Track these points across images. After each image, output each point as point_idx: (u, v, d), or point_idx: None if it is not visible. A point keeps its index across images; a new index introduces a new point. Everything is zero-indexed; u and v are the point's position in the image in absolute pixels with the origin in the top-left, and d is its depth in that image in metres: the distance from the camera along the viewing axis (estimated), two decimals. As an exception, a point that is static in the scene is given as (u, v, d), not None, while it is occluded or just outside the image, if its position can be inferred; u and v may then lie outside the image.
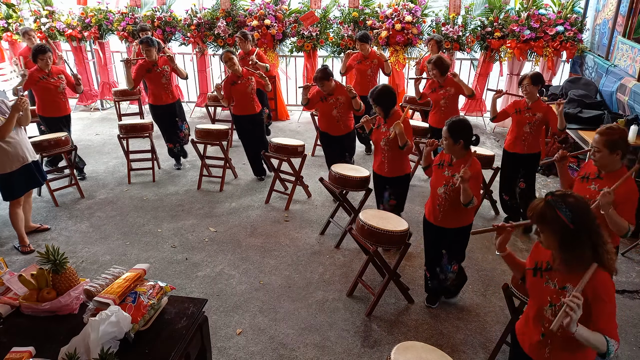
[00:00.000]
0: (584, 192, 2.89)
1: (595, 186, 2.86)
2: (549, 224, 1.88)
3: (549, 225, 1.89)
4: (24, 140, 4.27)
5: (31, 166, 4.31)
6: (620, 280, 3.96)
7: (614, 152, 2.75)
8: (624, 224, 2.66)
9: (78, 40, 8.19)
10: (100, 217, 4.97)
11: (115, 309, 2.05)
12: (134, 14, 7.92)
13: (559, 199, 1.88)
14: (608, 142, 2.75)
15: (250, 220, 4.90)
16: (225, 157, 5.62)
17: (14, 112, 4.04)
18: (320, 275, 4.03)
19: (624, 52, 5.54)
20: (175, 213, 5.05)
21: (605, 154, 2.77)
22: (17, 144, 4.16)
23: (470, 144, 3.19)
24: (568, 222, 1.83)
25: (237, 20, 7.50)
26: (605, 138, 2.76)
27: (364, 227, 3.44)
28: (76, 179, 5.42)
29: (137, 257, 4.26)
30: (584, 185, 2.97)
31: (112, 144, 6.88)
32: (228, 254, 4.32)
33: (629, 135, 4.82)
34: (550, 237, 1.90)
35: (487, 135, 7.30)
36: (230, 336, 3.35)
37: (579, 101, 5.63)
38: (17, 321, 2.30)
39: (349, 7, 7.38)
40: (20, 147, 4.20)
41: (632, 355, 3.23)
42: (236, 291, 3.83)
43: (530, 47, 6.80)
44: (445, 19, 7.14)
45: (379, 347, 3.26)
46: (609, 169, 2.83)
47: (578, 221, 1.84)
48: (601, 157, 2.79)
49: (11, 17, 8.12)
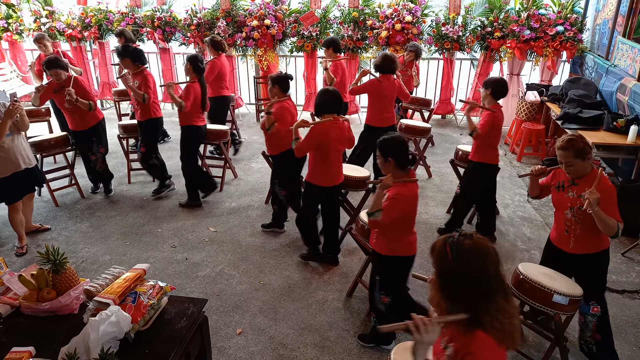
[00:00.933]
0: (564, 201, 2.93)
1: (573, 193, 2.88)
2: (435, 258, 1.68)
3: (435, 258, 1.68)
4: (19, 146, 4.16)
5: (23, 174, 4.20)
6: (620, 281, 3.96)
7: (585, 158, 2.79)
8: (613, 222, 2.68)
9: (78, 40, 8.19)
10: (100, 217, 4.97)
11: (115, 309, 2.05)
12: (134, 14, 7.92)
13: (456, 237, 1.63)
14: (577, 153, 2.78)
15: (250, 220, 4.90)
16: (225, 157, 5.62)
17: (6, 117, 3.92)
18: (320, 275, 4.02)
19: (624, 52, 5.54)
20: (175, 213, 5.05)
21: (578, 164, 2.81)
22: (10, 150, 4.06)
23: (403, 163, 2.87)
24: (451, 260, 1.60)
25: (237, 20, 7.50)
26: (572, 151, 2.78)
27: (364, 227, 3.45)
28: (76, 179, 5.42)
29: (137, 257, 4.26)
30: (561, 195, 2.96)
31: (112, 144, 6.87)
32: (228, 254, 4.32)
33: (628, 136, 4.84)
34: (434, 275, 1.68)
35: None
36: (230, 336, 3.35)
37: (579, 101, 5.63)
38: (17, 321, 2.30)
39: (349, 7, 7.38)
40: (14, 153, 4.10)
41: (632, 355, 3.23)
42: (236, 291, 3.82)
43: (530, 47, 6.80)
44: (445, 19, 7.14)
45: (379, 347, 3.26)
46: (582, 174, 2.85)
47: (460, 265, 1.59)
48: (575, 168, 2.83)
49: (11, 17, 8.12)
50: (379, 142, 2.91)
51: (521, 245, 4.48)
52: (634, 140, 4.81)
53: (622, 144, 4.86)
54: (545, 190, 3.20)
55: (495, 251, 1.64)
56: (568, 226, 2.95)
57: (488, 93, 4.08)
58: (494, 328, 1.56)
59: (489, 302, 1.57)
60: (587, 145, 2.81)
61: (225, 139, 5.56)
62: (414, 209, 2.93)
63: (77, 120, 5.05)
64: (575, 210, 2.87)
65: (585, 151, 2.79)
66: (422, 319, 1.60)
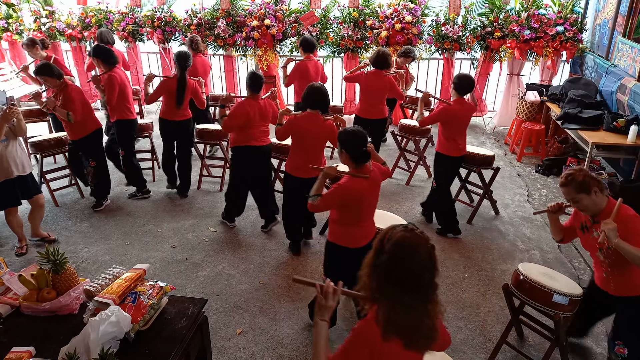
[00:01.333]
0: (592, 244, 2.74)
1: (598, 232, 2.64)
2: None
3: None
4: (13, 153, 3.95)
5: (14, 182, 3.99)
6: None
7: (590, 192, 2.58)
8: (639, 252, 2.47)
9: (78, 40, 8.19)
10: (100, 217, 4.97)
11: (115, 309, 2.05)
12: (134, 14, 7.92)
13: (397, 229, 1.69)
14: (579, 188, 2.58)
15: (250, 220, 4.90)
16: (225, 157, 5.62)
17: (2, 122, 3.73)
18: (320, 275, 4.02)
19: (624, 52, 5.54)
20: (175, 213, 5.05)
21: (585, 199, 2.60)
22: (2, 157, 3.87)
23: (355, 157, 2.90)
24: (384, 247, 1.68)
25: (237, 20, 7.50)
26: (573, 186, 2.59)
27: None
28: (76, 179, 5.42)
29: (137, 257, 4.26)
30: (587, 237, 2.78)
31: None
32: (228, 254, 4.32)
33: (629, 136, 4.84)
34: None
35: (487, 135, 7.31)
36: (230, 336, 3.35)
37: (579, 101, 5.63)
38: (17, 321, 2.30)
39: (349, 7, 7.38)
40: (7, 159, 3.90)
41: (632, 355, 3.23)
42: (236, 291, 3.83)
43: (530, 47, 6.79)
44: (445, 19, 7.14)
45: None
46: (597, 209, 2.63)
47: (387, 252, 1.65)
48: (584, 204, 2.62)
49: (11, 17, 8.12)
50: (339, 133, 2.99)
51: (521, 245, 4.48)
52: (634, 140, 4.81)
53: (622, 144, 4.86)
54: (569, 233, 2.95)
55: (429, 251, 1.66)
56: (605, 268, 2.75)
57: (452, 88, 4.37)
58: (390, 320, 1.62)
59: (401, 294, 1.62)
60: (588, 178, 2.58)
61: (225, 139, 5.56)
62: (357, 203, 2.94)
63: (67, 129, 4.81)
64: (604, 251, 2.66)
65: (588, 184, 2.56)
66: (329, 286, 1.77)
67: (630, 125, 4.87)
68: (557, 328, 2.86)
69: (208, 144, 5.86)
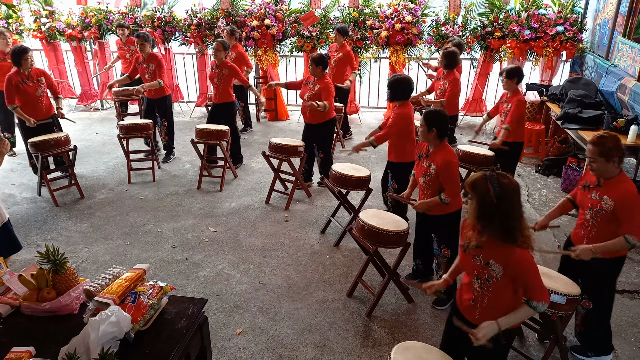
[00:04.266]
0: (586, 201, 2.89)
1: (596, 195, 2.82)
2: (477, 193, 2.13)
3: (477, 193, 2.13)
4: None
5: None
6: (620, 280, 3.95)
7: (610, 160, 2.72)
8: (620, 242, 2.69)
9: (78, 40, 8.19)
10: (100, 217, 4.97)
11: (115, 309, 2.05)
12: (134, 14, 7.92)
13: (495, 176, 2.11)
14: (602, 152, 2.72)
15: (250, 220, 4.90)
16: (225, 157, 5.62)
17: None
18: (320, 275, 4.03)
19: (624, 52, 5.54)
20: (175, 213, 5.05)
21: (601, 163, 2.75)
22: None
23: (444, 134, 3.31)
24: (493, 196, 2.07)
25: (237, 20, 7.51)
26: (599, 149, 2.73)
27: (364, 227, 3.45)
28: (76, 179, 5.42)
29: (137, 257, 4.26)
30: (585, 194, 2.93)
31: (112, 143, 6.89)
32: (228, 254, 4.32)
33: (628, 136, 4.84)
34: (474, 205, 2.14)
35: (487, 135, 7.30)
36: (230, 336, 3.35)
37: (579, 101, 5.63)
38: (17, 321, 2.30)
39: (349, 7, 7.39)
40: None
41: (632, 355, 3.23)
42: (236, 291, 3.83)
43: (530, 47, 6.80)
44: (445, 19, 7.14)
45: (379, 347, 3.26)
46: (607, 176, 2.79)
47: (501, 199, 2.07)
48: (598, 166, 2.77)
49: (11, 17, 8.12)
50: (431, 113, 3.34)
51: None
52: (634, 140, 4.81)
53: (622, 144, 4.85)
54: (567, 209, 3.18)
55: (519, 187, 2.17)
56: (585, 227, 2.92)
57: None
58: (521, 240, 2.13)
59: (518, 222, 2.11)
60: (616, 147, 2.73)
61: (225, 138, 5.56)
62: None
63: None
64: (594, 213, 2.83)
65: (611, 152, 2.71)
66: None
67: (630, 125, 4.87)
68: (555, 327, 2.86)
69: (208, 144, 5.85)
